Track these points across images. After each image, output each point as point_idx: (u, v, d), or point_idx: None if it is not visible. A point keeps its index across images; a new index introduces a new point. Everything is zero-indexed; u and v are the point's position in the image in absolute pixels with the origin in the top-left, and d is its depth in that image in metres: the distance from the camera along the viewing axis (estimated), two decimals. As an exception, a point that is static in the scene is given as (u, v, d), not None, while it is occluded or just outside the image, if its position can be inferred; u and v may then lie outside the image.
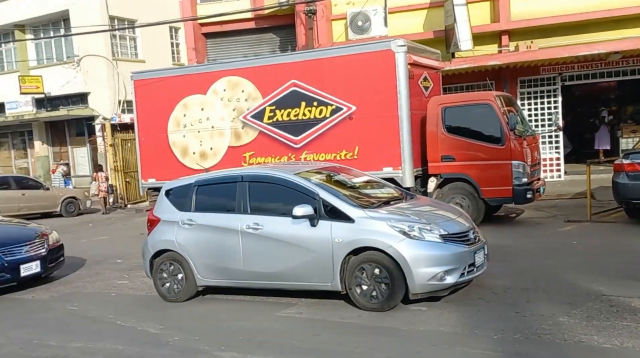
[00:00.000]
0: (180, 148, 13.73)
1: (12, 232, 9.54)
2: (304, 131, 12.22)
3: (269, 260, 6.97)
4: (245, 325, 6.52)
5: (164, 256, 7.75)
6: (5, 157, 27.94)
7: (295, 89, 12.19)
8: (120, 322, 7.03)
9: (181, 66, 21.69)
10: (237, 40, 21.58)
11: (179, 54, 26.63)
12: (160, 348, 5.96)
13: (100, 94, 23.43)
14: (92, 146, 24.85)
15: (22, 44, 25.23)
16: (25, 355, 6.07)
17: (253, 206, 7.18)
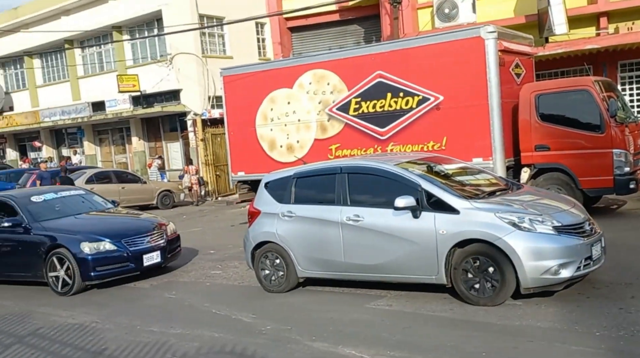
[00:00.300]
0: (268, 141, 14.00)
1: (132, 223, 9.87)
2: (390, 122, 12.12)
3: (369, 252, 6.90)
4: (335, 316, 6.57)
5: (265, 247, 7.83)
6: (106, 152, 29.57)
7: (381, 80, 12.10)
8: (215, 310, 7.28)
9: (268, 61, 22.09)
10: (322, 33, 21.70)
11: (264, 49, 27.12)
12: (253, 337, 6.12)
13: (191, 91, 24.27)
14: (185, 141, 25.80)
15: (120, 45, 26.54)
16: (130, 339, 6.42)
17: (353, 198, 7.12)
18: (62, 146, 31.39)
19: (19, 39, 29.65)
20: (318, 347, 5.63)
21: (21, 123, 30.62)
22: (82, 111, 27.52)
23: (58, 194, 10.31)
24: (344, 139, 12.79)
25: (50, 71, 30.66)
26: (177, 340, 6.25)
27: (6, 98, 32.00)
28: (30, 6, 29.14)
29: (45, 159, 25.11)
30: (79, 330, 6.94)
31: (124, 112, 25.68)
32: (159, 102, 25.10)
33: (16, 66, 32.32)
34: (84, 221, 9.79)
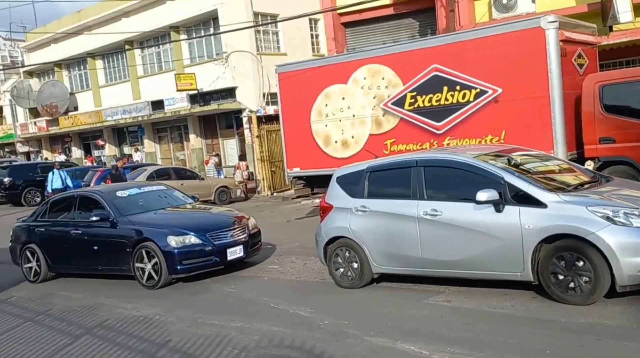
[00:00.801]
0: (323, 137, 14.04)
1: (215, 218, 9.89)
2: (447, 116, 11.95)
3: (449, 248, 6.71)
4: (393, 311, 6.55)
5: (338, 243, 7.74)
6: (165, 150, 30.38)
7: (437, 74, 11.94)
8: (273, 305, 7.37)
9: (322, 57, 22.14)
10: (376, 27, 21.58)
11: (318, 45, 27.19)
12: (312, 331, 6.17)
13: (246, 88, 24.60)
14: (240, 138, 26.21)
15: (177, 44, 27.17)
16: (192, 332, 6.59)
17: (430, 192, 6.95)
18: (124, 144, 32.43)
19: (82, 41, 30.79)
20: (377, 342, 5.63)
21: (85, 122, 31.80)
22: (142, 110, 28.32)
23: (141, 190, 10.53)
24: (399, 134, 12.69)
25: (112, 72, 31.71)
26: (237, 333, 6.37)
27: (71, 99, 33.31)
28: (93, 9, 30.20)
29: (120, 156, 25.92)
30: (144, 322, 7.17)
31: (181, 110, 26.29)
32: (215, 100, 25.56)
33: (80, 67, 33.58)
34: (168, 215, 9.95)
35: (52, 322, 7.67)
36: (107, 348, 6.35)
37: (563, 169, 7.43)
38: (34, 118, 35.39)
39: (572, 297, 5.97)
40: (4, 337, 7.16)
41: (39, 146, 37.30)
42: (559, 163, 7.72)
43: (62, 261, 10.15)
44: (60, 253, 10.09)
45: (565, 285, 6.00)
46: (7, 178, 24.47)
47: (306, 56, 23.58)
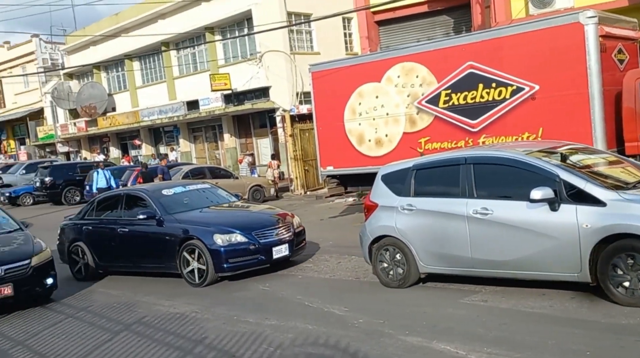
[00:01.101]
0: (356, 135, 14.01)
1: (260, 216, 9.84)
2: (482, 114, 11.79)
3: (500, 248, 6.51)
4: (428, 310, 6.51)
5: (384, 242, 7.62)
6: (200, 149, 30.76)
7: (472, 71, 11.79)
8: (307, 303, 7.40)
9: (355, 56, 22.10)
10: (410, 25, 21.44)
11: (351, 43, 27.15)
12: (346, 330, 6.17)
13: (280, 87, 24.74)
14: (274, 137, 26.36)
15: (212, 45, 27.48)
16: (228, 329, 6.66)
17: (480, 190, 6.75)
18: (160, 143, 32.96)
19: (119, 44, 31.42)
20: (412, 342, 5.60)
21: (122, 123, 32.43)
22: (178, 110, 28.74)
23: (186, 188, 10.58)
24: (434, 132, 12.58)
25: (148, 73, 32.26)
26: (272, 331, 6.42)
27: (109, 100, 34.01)
28: (130, 12, 30.76)
29: (164, 155, 26.30)
30: (180, 319, 7.28)
31: (216, 110, 26.57)
32: (249, 100, 25.77)
33: (117, 68, 34.25)
34: (213, 213, 9.96)
35: (92, 318, 7.85)
36: (145, 345, 6.46)
37: (623, 166, 7.11)
38: (73, 119, 36.24)
39: (635, 300, 5.73)
40: (47, 333, 7.36)
41: (78, 146, 38.18)
42: (620, 159, 7.41)
43: (109, 259, 10.26)
44: (108, 251, 10.20)
45: (628, 287, 5.77)
46: (48, 178, 25.11)
47: (339, 54, 23.58)
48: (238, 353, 5.88)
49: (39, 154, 40.07)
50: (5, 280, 8.17)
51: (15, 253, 8.59)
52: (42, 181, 25.21)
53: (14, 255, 8.53)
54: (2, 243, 8.84)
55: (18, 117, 40.47)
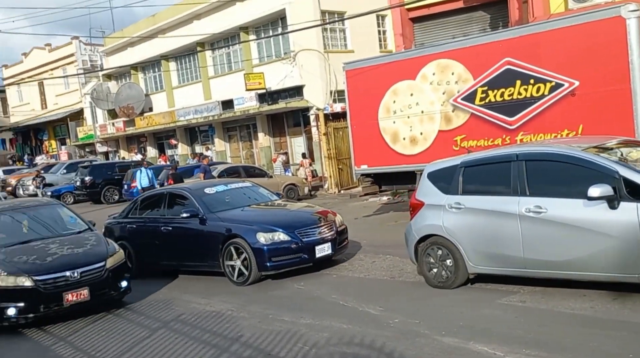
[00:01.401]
0: (391, 134, 13.93)
1: (302, 215, 9.76)
2: (520, 111, 11.58)
3: (555, 248, 6.30)
4: (465, 311, 6.43)
5: (430, 241, 7.46)
6: (234, 148, 31.01)
7: (510, 68, 11.59)
8: (342, 302, 7.39)
9: (390, 53, 21.95)
10: (445, 22, 21.16)
11: (385, 41, 26.99)
12: (382, 329, 6.14)
13: (314, 86, 24.75)
14: (307, 136, 26.40)
15: (246, 45, 27.66)
16: (263, 328, 6.70)
17: (532, 188, 6.55)
18: (195, 143, 33.35)
19: (156, 44, 31.91)
20: (448, 342, 5.54)
21: (159, 123, 32.92)
22: (213, 110, 29.03)
23: (228, 186, 10.56)
24: (470, 130, 12.42)
25: (184, 73, 32.67)
26: (307, 329, 6.43)
27: (146, 100, 34.58)
28: (166, 13, 31.20)
29: (207, 154, 26.63)
30: (217, 317, 7.35)
31: (250, 109, 26.75)
32: (283, 99, 25.85)
33: (154, 69, 34.79)
34: (256, 212, 9.96)
35: (131, 315, 7.99)
36: (182, 342, 6.55)
37: None
38: (112, 119, 36.96)
39: None
40: (87, 330, 7.52)
41: (116, 146, 38.93)
42: None
43: (152, 257, 10.32)
44: (151, 249, 10.25)
45: None
46: (88, 177, 25.70)
47: (373, 52, 23.46)
48: (274, 352, 5.90)
49: (79, 154, 40.99)
50: (82, 284, 7.80)
51: (89, 254, 8.23)
52: (82, 180, 25.81)
53: (89, 256, 8.17)
54: (75, 244, 8.50)
55: (59, 118, 41.46)
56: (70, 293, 7.70)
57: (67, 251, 8.19)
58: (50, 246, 8.27)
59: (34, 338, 7.43)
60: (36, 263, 7.81)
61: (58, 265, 7.84)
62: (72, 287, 7.73)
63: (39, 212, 9.30)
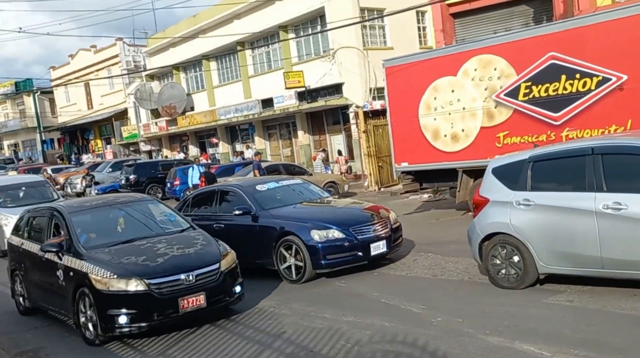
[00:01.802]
0: (432, 131, 13.79)
1: (355, 212, 9.55)
2: (565, 106, 11.32)
3: (636, 246, 5.97)
4: (510, 310, 6.33)
5: (496, 239, 7.17)
6: (274, 146, 31.24)
7: (554, 62, 11.33)
8: (384, 300, 7.36)
9: (430, 50, 21.73)
10: (486, 16, 20.81)
11: (425, 37, 26.75)
12: (425, 328, 6.10)
13: (353, 84, 24.72)
14: (347, 134, 26.39)
15: (286, 43, 27.82)
16: (305, 325, 6.73)
17: (610, 183, 6.23)
18: (236, 141, 33.72)
19: (197, 44, 32.36)
20: (493, 342, 5.46)
21: (200, 122, 33.40)
22: (253, 108, 29.28)
23: (279, 184, 10.42)
24: (513, 126, 12.19)
25: (225, 72, 33.06)
26: (349, 327, 6.43)
27: (188, 99, 35.13)
28: (207, 13, 31.62)
29: (259, 151, 26.88)
30: (259, 314, 7.42)
31: (290, 107, 26.87)
32: (323, 97, 25.89)
33: (195, 69, 35.31)
34: (308, 209, 9.78)
35: (175, 311, 8.11)
36: (226, 338, 6.64)
37: None
38: (155, 119, 37.68)
39: None
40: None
41: (159, 144, 39.68)
42: None
43: None
44: None
45: None
46: (133, 175, 26.27)
47: (413, 49, 23.29)
48: (316, 349, 5.93)
49: (124, 152, 41.95)
50: (197, 288, 6.95)
51: (202, 255, 7.37)
52: (127, 178, 26.41)
53: (202, 258, 7.31)
54: (184, 243, 7.60)
55: (104, 118, 42.49)
56: (186, 299, 6.85)
57: (177, 251, 7.32)
58: (158, 246, 7.42)
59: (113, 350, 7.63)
60: (147, 265, 6.97)
61: (171, 266, 6.98)
62: (187, 292, 6.89)
63: (135, 208, 8.49)
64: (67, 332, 7.65)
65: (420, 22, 26.62)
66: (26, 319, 8.65)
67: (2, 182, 16.90)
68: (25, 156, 53.60)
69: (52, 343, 7.39)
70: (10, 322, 8.62)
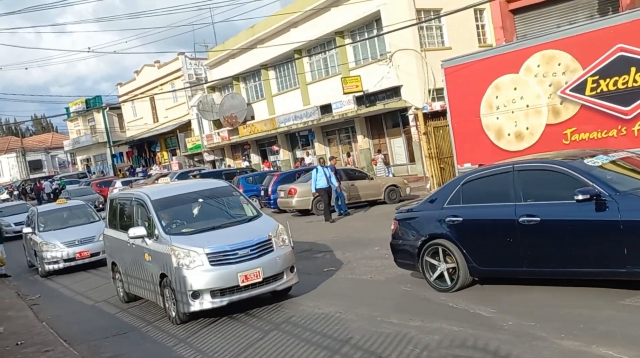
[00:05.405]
0: (494, 130, 13.53)
1: None
2: (636, 99, 10.89)
3: None
4: (584, 312, 6.11)
5: None
6: (334, 151, 31.33)
7: (623, 54, 10.92)
8: (452, 304, 7.25)
9: (490, 48, 21.30)
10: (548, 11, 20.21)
11: (484, 35, 26.25)
12: (495, 332, 5.97)
13: (411, 86, 24.53)
14: (407, 136, 26.19)
15: (342, 49, 27.92)
16: (372, 330, 6.71)
17: None
18: (296, 148, 34.06)
19: (256, 55, 32.98)
20: (568, 346, 5.29)
21: (261, 130, 33.96)
22: (312, 115, 29.53)
23: (609, 157, 7.16)
24: (581, 122, 11.82)
25: (283, 80, 33.51)
26: (416, 332, 6.37)
27: (248, 109, 35.81)
28: (264, 24, 32.18)
29: (334, 156, 27.03)
30: (325, 320, 7.45)
31: (349, 112, 26.93)
32: (381, 100, 25.83)
33: (254, 79, 35.95)
34: None
35: (243, 318, 8.28)
36: (294, 344, 6.70)
37: None
38: (217, 129, 38.58)
39: None
40: (205, 331, 7.88)
41: (222, 154, 40.57)
42: None
43: (500, 260, 7.42)
44: (498, 250, 7.40)
45: None
46: (197, 185, 26.93)
47: (471, 48, 22.86)
48: (384, 354, 5.91)
49: (188, 163, 43.11)
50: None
51: None
52: (192, 188, 27.08)
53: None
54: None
55: (169, 130, 43.85)
56: None
57: None
58: None
59: (157, 340, 7.91)
60: None
61: None
62: None
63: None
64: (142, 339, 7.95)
65: (479, 20, 26.15)
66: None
67: (171, 191, 9.79)
68: (97, 170, 55.96)
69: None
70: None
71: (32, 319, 10.02)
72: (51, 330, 9.04)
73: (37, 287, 13.79)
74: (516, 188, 7.17)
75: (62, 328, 9.22)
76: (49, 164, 69.49)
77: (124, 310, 9.93)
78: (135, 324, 8.91)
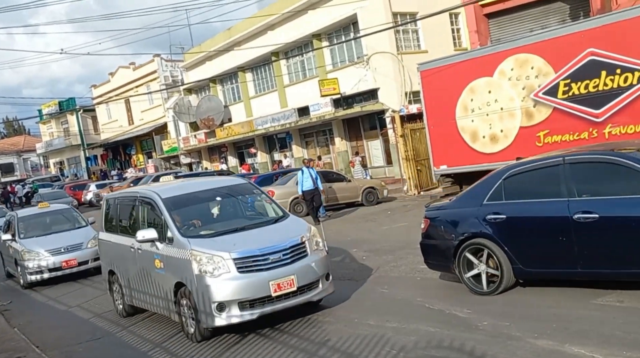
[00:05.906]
0: (470, 132, 13.71)
1: None
2: (606, 102, 11.12)
3: None
4: (558, 312, 6.22)
5: None
6: (312, 154, 31.32)
7: (593, 58, 11.16)
8: (428, 305, 7.31)
9: (465, 51, 21.58)
10: (521, 15, 20.60)
11: (459, 39, 26.52)
12: (471, 332, 6.04)
13: (388, 88, 24.67)
14: (384, 138, 26.32)
15: (320, 52, 27.97)
16: (349, 332, 6.73)
17: None
18: (274, 151, 34.00)
19: (233, 57, 32.84)
20: (542, 345, 5.37)
21: (238, 132, 33.81)
22: (289, 117, 29.49)
23: None
24: (553, 125, 12.04)
25: (260, 83, 33.44)
26: (393, 333, 6.41)
27: (225, 111, 35.64)
28: (241, 26, 32.08)
29: (311, 158, 26.76)
30: (303, 323, 7.45)
31: (326, 115, 26.96)
32: (358, 103, 25.92)
33: (232, 81, 35.80)
34: None
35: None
36: (271, 347, 6.69)
37: None
38: (194, 131, 38.31)
39: None
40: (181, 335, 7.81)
41: (199, 157, 40.30)
42: None
43: (549, 261, 6.89)
44: (548, 249, 6.85)
45: None
46: (174, 188, 26.70)
47: (447, 51, 23.12)
48: (361, 356, 5.93)
49: (165, 166, 42.74)
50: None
51: None
52: (168, 191, 26.84)
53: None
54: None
55: (145, 133, 43.40)
56: None
57: None
58: None
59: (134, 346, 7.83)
60: None
61: None
62: None
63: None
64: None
65: (454, 24, 26.41)
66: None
67: (184, 189, 8.90)
68: (71, 173, 55.18)
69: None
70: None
71: (3, 325, 9.85)
72: (23, 336, 8.89)
73: (16, 297, 13.52)
74: (568, 183, 6.54)
75: (35, 334, 9.07)
76: (21, 167, 68.32)
77: (125, 327, 8.88)
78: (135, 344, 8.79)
